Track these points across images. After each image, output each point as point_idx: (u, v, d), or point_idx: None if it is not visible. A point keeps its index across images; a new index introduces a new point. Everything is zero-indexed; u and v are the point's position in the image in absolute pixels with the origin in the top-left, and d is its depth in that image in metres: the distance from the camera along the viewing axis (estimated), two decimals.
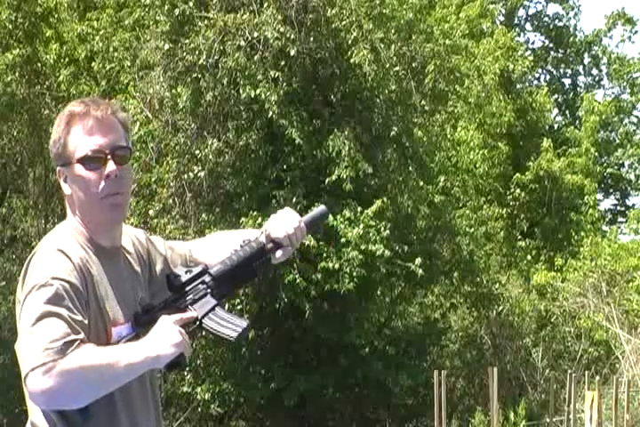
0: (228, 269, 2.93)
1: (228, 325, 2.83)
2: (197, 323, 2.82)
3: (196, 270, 2.89)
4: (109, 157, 2.74)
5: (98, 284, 2.68)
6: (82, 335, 2.52)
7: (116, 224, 2.83)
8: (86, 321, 2.58)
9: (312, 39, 14.97)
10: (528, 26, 28.72)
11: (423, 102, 16.16)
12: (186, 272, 2.88)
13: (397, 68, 15.59)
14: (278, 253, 2.98)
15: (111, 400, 2.63)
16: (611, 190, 27.78)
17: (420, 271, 15.15)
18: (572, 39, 27.98)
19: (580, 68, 28.76)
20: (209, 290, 2.87)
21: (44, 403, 2.52)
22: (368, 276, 14.67)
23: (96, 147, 2.75)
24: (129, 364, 2.55)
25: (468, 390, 19.63)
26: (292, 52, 14.53)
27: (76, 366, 2.47)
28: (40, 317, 2.51)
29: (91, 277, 2.66)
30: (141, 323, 2.75)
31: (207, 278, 2.89)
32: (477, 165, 21.05)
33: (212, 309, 2.84)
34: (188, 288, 2.86)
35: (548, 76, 28.89)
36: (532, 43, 29.09)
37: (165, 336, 2.63)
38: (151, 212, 15.02)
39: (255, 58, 14.55)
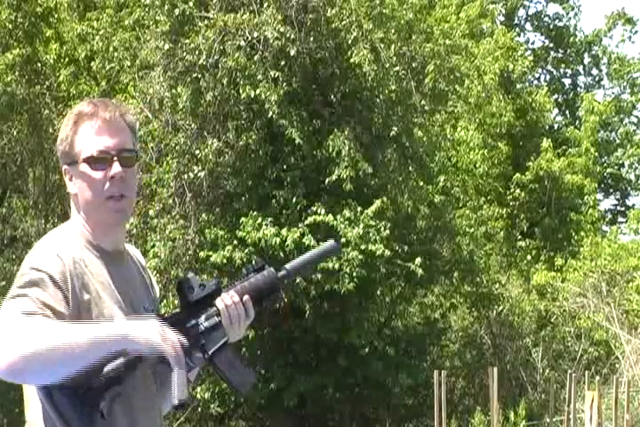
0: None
1: (238, 374, 2.76)
2: (207, 358, 2.72)
3: (209, 287, 2.77)
4: (115, 158, 2.75)
5: (94, 283, 2.67)
6: (47, 311, 2.51)
7: (118, 227, 2.84)
8: (65, 311, 2.55)
9: (312, 39, 14.97)
10: (528, 26, 28.72)
11: (423, 102, 16.16)
12: (200, 286, 2.76)
13: (397, 68, 15.59)
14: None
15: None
16: (611, 190, 27.74)
17: (420, 271, 15.15)
18: (572, 39, 27.94)
19: (580, 68, 28.73)
20: (219, 319, 2.76)
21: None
22: (368, 276, 14.66)
23: (103, 147, 2.75)
24: (94, 336, 2.49)
25: (468, 390, 19.63)
26: (292, 52, 14.54)
27: (31, 327, 2.45)
28: (10, 298, 2.52)
29: (83, 276, 2.65)
30: None
31: (220, 305, 2.76)
32: (477, 165, 21.05)
33: (224, 345, 2.75)
34: (199, 308, 2.75)
35: (547, 76, 28.88)
36: (532, 43, 29.07)
37: (144, 328, 2.57)
38: (151, 212, 15.04)
39: (255, 58, 14.56)
